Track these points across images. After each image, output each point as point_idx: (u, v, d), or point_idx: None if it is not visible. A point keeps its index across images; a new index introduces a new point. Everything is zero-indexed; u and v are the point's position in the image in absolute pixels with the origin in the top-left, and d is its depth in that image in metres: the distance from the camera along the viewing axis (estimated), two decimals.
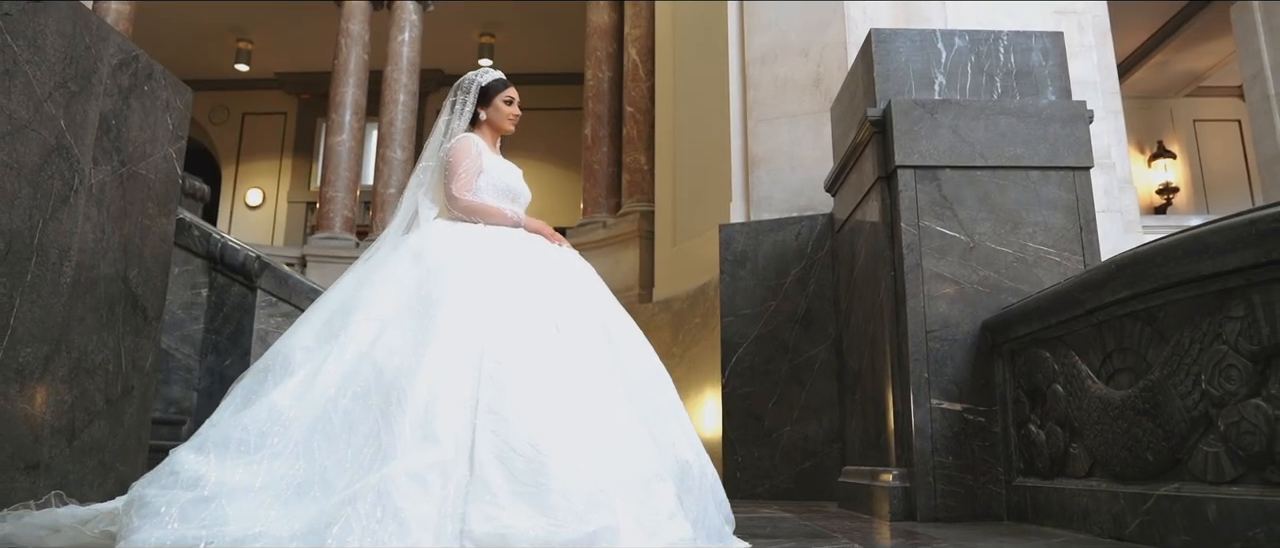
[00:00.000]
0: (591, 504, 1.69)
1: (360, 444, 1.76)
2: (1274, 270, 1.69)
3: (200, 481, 1.67)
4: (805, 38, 4.96)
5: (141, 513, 1.61)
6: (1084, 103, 3.23)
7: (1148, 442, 2.03)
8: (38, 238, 2.33)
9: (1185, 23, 11.65)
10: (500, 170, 2.54)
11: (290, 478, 1.71)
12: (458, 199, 2.42)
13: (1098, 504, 2.22)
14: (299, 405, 1.83)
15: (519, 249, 2.32)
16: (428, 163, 2.55)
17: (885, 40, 3.36)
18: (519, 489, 1.69)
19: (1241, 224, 1.75)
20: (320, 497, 1.68)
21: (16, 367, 2.25)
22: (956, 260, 3.01)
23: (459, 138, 2.53)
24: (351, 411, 1.83)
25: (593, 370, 2.02)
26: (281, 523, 1.61)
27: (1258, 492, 1.72)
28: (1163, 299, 2.00)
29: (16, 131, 2.25)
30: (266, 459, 1.74)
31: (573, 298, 2.21)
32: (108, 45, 2.64)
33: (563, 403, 1.87)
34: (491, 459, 1.73)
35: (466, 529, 1.63)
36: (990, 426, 2.85)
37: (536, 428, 1.78)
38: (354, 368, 1.90)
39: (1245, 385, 1.76)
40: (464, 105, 2.60)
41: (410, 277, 2.14)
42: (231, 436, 1.77)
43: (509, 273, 2.17)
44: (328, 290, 2.30)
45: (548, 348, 1.99)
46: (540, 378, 1.90)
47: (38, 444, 2.33)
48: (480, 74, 2.67)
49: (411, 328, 1.97)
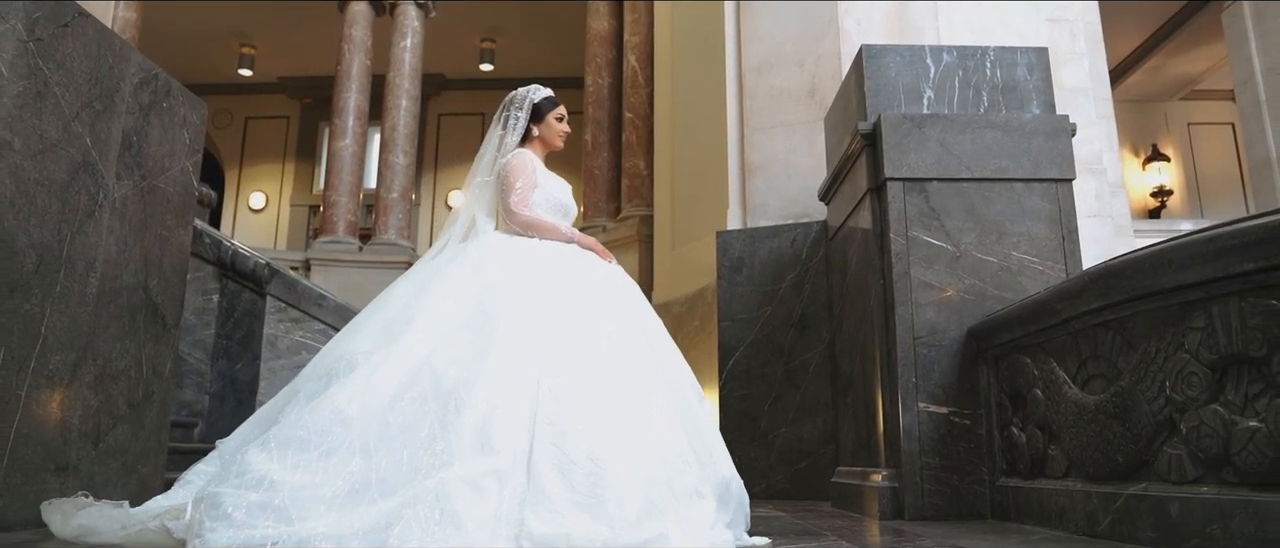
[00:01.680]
0: (645, 514, 1.81)
1: (418, 449, 1.85)
2: (1230, 285, 1.81)
3: (266, 480, 1.75)
4: (800, 49, 5.08)
5: (212, 514, 1.69)
6: (1067, 117, 3.35)
7: (1118, 444, 2.15)
8: (66, 250, 2.45)
9: (1179, 27, 11.77)
10: (553, 186, 2.64)
11: (350, 479, 1.79)
12: (516, 214, 2.52)
13: (1073, 503, 2.35)
14: (360, 408, 1.90)
15: (573, 266, 2.41)
16: (484, 177, 2.64)
17: (875, 56, 3.48)
18: (577, 499, 1.79)
19: (1201, 241, 1.87)
20: (378, 498, 1.76)
21: (47, 373, 2.37)
22: (943, 269, 3.13)
23: (515, 154, 2.63)
24: (411, 415, 1.90)
25: (642, 386, 2.12)
26: (343, 523, 1.70)
27: (1215, 491, 1.84)
28: (1132, 310, 2.12)
29: (47, 150, 2.37)
30: (328, 460, 1.81)
31: (622, 315, 2.31)
32: (129, 65, 2.76)
33: (617, 417, 1.97)
34: (551, 470, 1.82)
35: (525, 532, 1.73)
36: (975, 428, 2.97)
37: (595, 442, 1.88)
38: (414, 375, 1.98)
39: (1205, 392, 1.88)
40: (517, 121, 2.69)
41: (470, 289, 2.22)
42: (296, 436, 1.85)
43: (564, 289, 2.26)
44: (384, 295, 2.37)
45: (601, 364, 2.09)
46: (596, 393, 2.00)
47: (66, 447, 2.45)
48: (532, 90, 2.77)
49: (470, 339, 2.05)
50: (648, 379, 2.18)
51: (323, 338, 4.43)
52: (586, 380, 2.03)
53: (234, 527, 1.67)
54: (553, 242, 2.52)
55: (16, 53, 2.26)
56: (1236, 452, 1.78)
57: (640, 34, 8.13)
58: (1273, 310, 1.73)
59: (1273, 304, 1.73)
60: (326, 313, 4.52)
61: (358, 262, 9.53)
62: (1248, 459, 1.76)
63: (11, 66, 2.24)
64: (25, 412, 2.28)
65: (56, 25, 2.41)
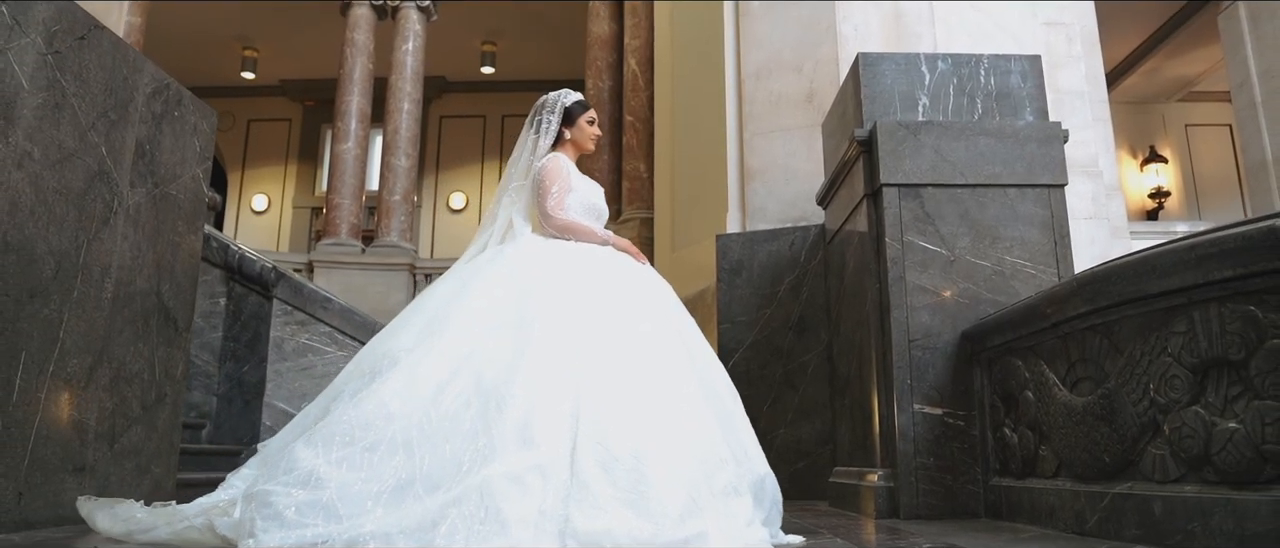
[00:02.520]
0: (687, 511, 1.87)
1: (461, 444, 1.89)
2: (1210, 291, 1.88)
3: (313, 477, 1.80)
4: (799, 55, 5.15)
5: (264, 513, 1.74)
6: (1059, 123, 3.42)
7: (1105, 445, 2.22)
8: (83, 257, 2.52)
9: (1176, 29, 11.84)
10: (586, 190, 2.72)
11: (394, 474, 1.84)
12: (552, 217, 2.59)
13: (1062, 502, 2.41)
14: (402, 404, 1.95)
15: (608, 268, 2.47)
16: (520, 181, 2.70)
17: (872, 63, 3.55)
18: (621, 496, 1.84)
19: (1183, 249, 1.94)
20: (423, 494, 1.81)
21: (65, 377, 2.44)
22: (938, 273, 3.19)
23: (549, 158, 2.69)
24: (453, 411, 1.95)
25: (678, 384, 2.18)
26: (390, 520, 1.74)
27: (1196, 490, 1.91)
28: (1118, 315, 2.18)
29: (65, 160, 2.44)
30: (371, 455, 1.86)
31: (657, 315, 2.37)
32: (143, 75, 2.83)
33: (656, 415, 2.02)
34: (595, 467, 1.87)
35: (569, 528, 1.77)
36: (969, 429, 3.04)
37: (637, 439, 1.93)
38: (455, 372, 2.03)
39: (1187, 394, 1.95)
40: (549, 125, 2.75)
41: (509, 290, 2.27)
42: (340, 431, 1.90)
43: (601, 291, 2.32)
44: (424, 295, 2.43)
45: (639, 363, 2.14)
46: (635, 391, 2.05)
47: (84, 448, 2.52)
48: (563, 95, 2.83)
49: (511, 339, 2.10)
50: (684, 377, 2.24)
51: (329, 341, 4.50)
52: (626, 379, 2.08)
53: (285, 526, 1.72)
54: (588, 244, 2.58)
55: (36, 65, 2.33)
56: (1216, 452, 1.85)
57: (640, 37, 8.20)
58: (1250, 316, 1.80)
59: (1250, 309, 1.80)
60: (332, 316, 4.59)
61: (360, 264, 9.61)
62: (1227, 459, 1.83)
63: (32, 79, 2.31)
64: (44, 414, 2.35)
65: (74, 38, 2.48)
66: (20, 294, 2.26)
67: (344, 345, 4.57)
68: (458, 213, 13.87)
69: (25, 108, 2.28)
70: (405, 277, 9.93)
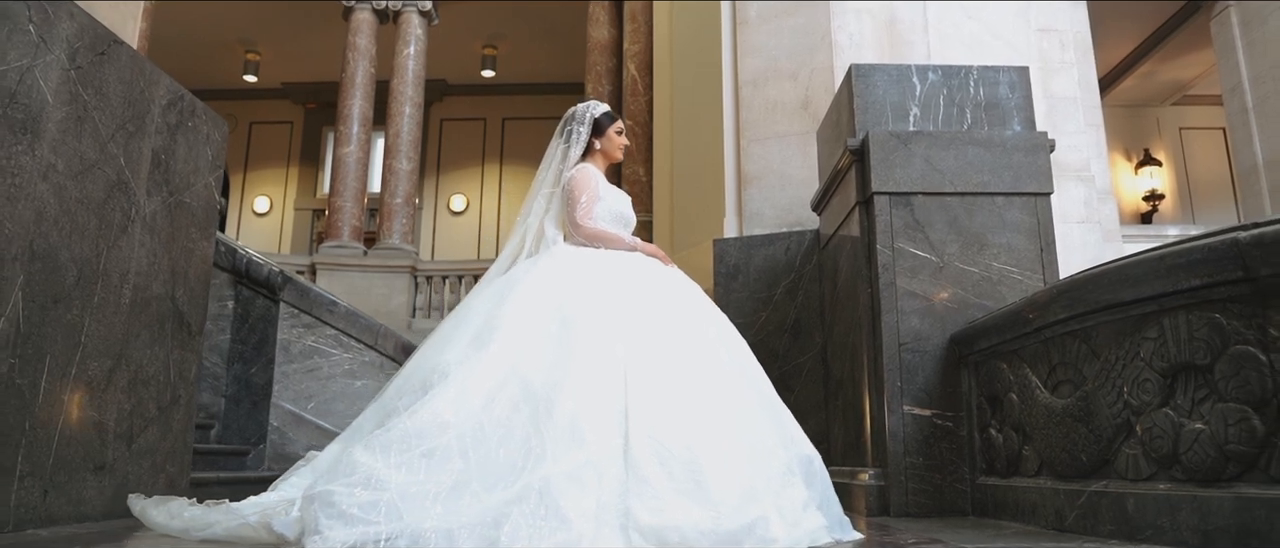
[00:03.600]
0: (745, 498, 1.95)
1: (514, 447, 1.98)
2: (1179, 299, 1.98)
3: (374, 479, 1.88)
4: (794, 63, 5.25)
5: (328, 511, 1.82)
6: (1045, 133, 3.52)
7: (1082, 445, 2.32)
8: (102, 264, 2.62)
9: (1170, 34, 11.95)
10: (614, 199, 2.82)
11: (452, 476, 1.92)
12: (581, 226, 2.68)
13: (1044, 500, 2.52)
14: (456, 413, 2.04)
15: (640, 272, 2.57)
16: (549, 189, 2.80)
17: (864, 75, 3.65)
18: (679, 487, 1.92)
19: (1153, 259, 2.04)
20: (481, 492, 1.89)
21: (86, 379, 2.54)
22: (927, 279, 3.30)
23: (579, 168, 2.79)
24: (504, 417, 2.04)
25: (720, 377, 2.27)
26: (451, 517, 1.82)
27: (1165, 488, 2.01)
28: (1095, 321, 2.29)
29: (86, 170, 2.54)
30: (429, 460, 1.95)
31: (691, 313, 2.47)
32: (159, 87, 2.93)
33: (704, 408, 2.11)
34: (651, 461, 1.94)
35: (632, 521, 1.84)
36: (957, 430, 3.14)
37: (689, 432, 2.02)
38: (503, 380, 2.11)
39: (1157, 397, 2.05)
40: (579, 135, 2.85)
41: (548, 299, 2.35)
42: (398, 440, 1.99)
43: (636, 294, 2.42)
44: (464, 309, 2.52)
45: (680, 359, 2.23)
46: (680, 386, 2.14)
47: (103, 447, 2.62)
48: (592, 106, 2.93)
49: (554, 346, 2.19)
50: (725, 369, 2.33)
51: (334, 343, 4.60)
52: (670, 374, 2.16)
53: (350, 523, 1.80)
54: (617, 251, 2.68)
55: (60, 81, 2.43)
56: (1184, 451, 1.96)
57: (640, 43, 8.30)
58: (1216, 323, 1.90)
59: (1215, 317, 1.90)
60: (337, 318, 4.69)
61: (362, 266, 9.70)
62: (1193, 458, 1.93)
63: (56, 94, 2.41)
64: (67, 414, 2.45)
65: (95, 53, 2.58)
66: (45, 300, 2.35)
67: (349, 348, 4.67)
68: (458, 215, 13.98)
69: (50, 122, 2.38)
70: (407, 279, 10.03)
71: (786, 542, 1.96)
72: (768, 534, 1.93)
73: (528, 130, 13.87)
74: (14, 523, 2.22)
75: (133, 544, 2.14)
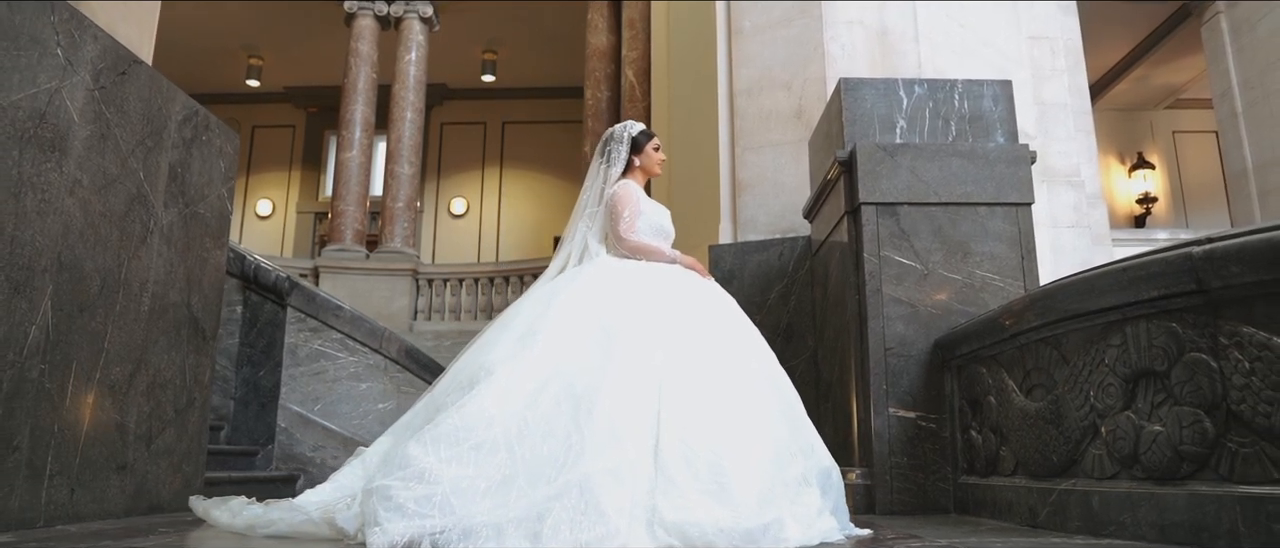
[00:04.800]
0: (763, 501, 2.09)
1: (556, 445, 2.10)
2: (1140, 309, 2.11)
3: (427, 474, 2.01)
4: (788, 72, 5.38)
5: (386, 505, 1.94)
6: (1026, 146, 3.65)
7: (1053, 445, 2.46)
8: (123, 273, 2.75)
9: (1163, 39, 12.10)
10: (655, 213, 2.96)
11: (498, 470, 2.05)
12: (624, 239, 2.83)
13: (1018, 498, 2.65)
14: (501, 409, 2.15)
15: (678, 284, 2.71)
16: (593, 207, 2.94)
17: (853, 88, 3.78)
18: (703, 487, 2.05)
19: (1117, 271, 2.17)
20: (526, 488, 2.01)
21: (109, 383, 2.67)
22: (912, 286, 3.43)
23: (621, 185, 2.94)
24: (547, 415, 2.16)
25: (747, 386, 2.41)
26: (497, 511, 1.94)
27: (1127, 486, 2.14)
28: (1065, 328, 2.42)
29: (108, 185, 2.68)
30: (478, 453, 2.07)
31: (723, 324, 2.61)
32: (175, 104, 3.06)
33: (730, 414, 2.25)
34: (679, 462, 2.07)
35: (658, 518, 1.97)
36: (940, 431, 3.28)
37: (714, 436, 2.15)
38: (546, 381, 2.23)
39: (1120, 400, 2.19)
40: (619, 153, 3.01)
41: (591, 307, 2.48)
42: (447, 433, 2.11)
43: (673, 304, 2.55)
44: (510, 313, 2.64)
45: (710, 368, 2.36)
46: (709, 393, 2.27)
47: (125, 448, 2.75)
48: (629, 126, 3.08)
49: (595, 351, 2.31)
50: (751, 380, 2.46)
51: (340, 347, 4.73)
52: (701, 381, 2.30)
53: (406, 516, 1.92)
54: (658, 263, 2.82)
55: (85, 100, 2.56)
56: (1143, 452, 2.09)
57: (638, 50, 8.43)
58: (1173, 331, 2.03)
59: (1172, 326, 2.03)
60: (343, 323, 4.82)
61: (364, 269, 9.83)
62: (1152, 458, 2.06)
63: (81, 113, 2.54)
64: (92, 417, 2.58)
65: (116, 73, 2.72)
66: (72, 309, 2.49)
67: (354, 351, 4.80)
68: (459, 218, 14.11)
69: (76, 139, 2.51)
70: (408, 281, 10.16)
71: (799, 541, 2.10)
72: (783, 535, 2.07)
73: (527, 134, 14.01)
74: (45, 519, 2.35)
75: (167, 539, 2.27)
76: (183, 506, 3.06)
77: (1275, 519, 1.76)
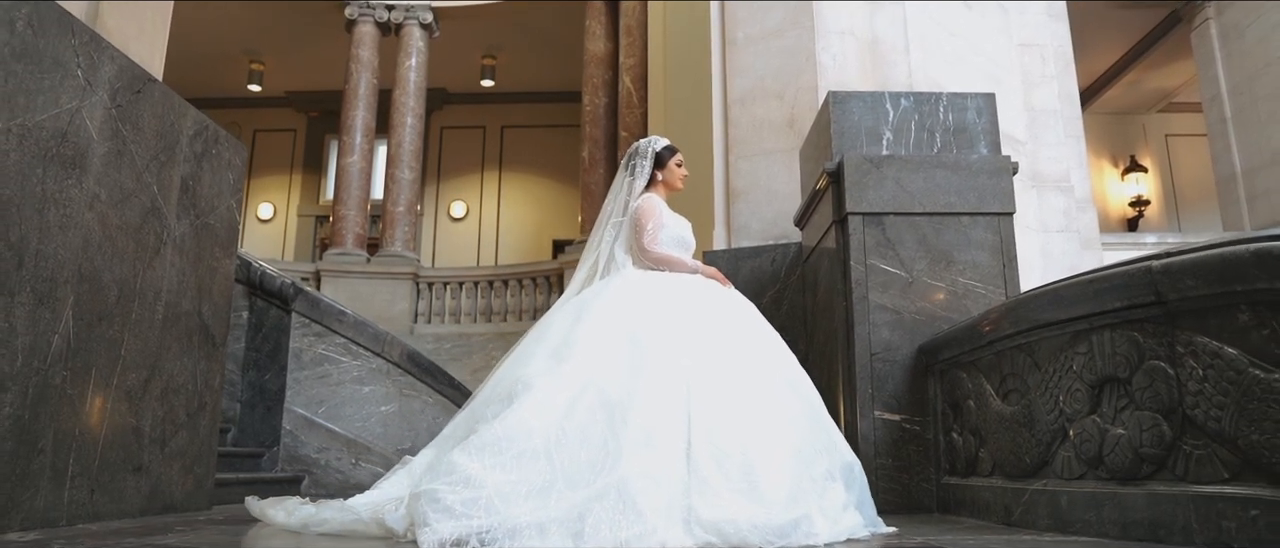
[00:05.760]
0: (792, 498, 2.22)
1: (593, 451, 2.22)
2: (1104, 319, 2.24)
3: (473, 479, 2.13)
4: (780, 82, 5.51)
5: (434, 507, 2.06)
6: (1009, 157, 3.77)
7: (1026, 448, 2.58)
8: (139, 284, 2.87)
9: (1155, 43, 12.22)
10: (677, 225, 3.10)
11: (539, 476, 2.16)
12: (648, 251, 2.96)
13: (995, 497, 2.77)
14: (540, 420, 2.27)
15: (701, 293, 2.84)
16: (617, 218, 3.08)
17: (841, 101, 3.91)
18: (734, 486, 2.18)
19: (1083, 283, 2.30)
20: (566, 491, 2.13)
21: (125, 389, 2.80)
22: (897, 294, 3.55)
23: (644, 198, 3.08)
24: (583, 423, 2.27)
25: (771, 388, 2.54)
26: (541, 512, 2.06)
27: (1092, 486, 2.27)
28: (1037, 336, 2.54)
29: (125, 199, 2.80)
30: (519, 461, 2.19)
31: (745, 330, 2.74)
32: (187, 119, 3.18)
33: (757, 416, 2.38)
34: (710, 464, 2.20)
35: (694, 516, 2.09)
36: (924, 433, 3.40)
37: (743, 437, 2.28)
38: (581, 391, 2.35)
39: (1087, 405, 2.31)
40: (643, 168, 3.15)
41: (620, 318, 2.60)
42: (490, 444, 2.23)
43: (698, 313, 2.68)
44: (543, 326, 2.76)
45: (736, 372, 2.49)
46: (736, 396, 2.40)
47: (141, 450, 2.87)
48: (653, 141, 3.23)
49: (626, 361, 2.43)
50: (775, 382, 2.59)
51: (343, 351, 4.85)
52: (728, 385, 2.42)
53: (454, 517, 2.05)
54: (681, 274, 2.95)
55: (104, 119, 2.68)
56: (1108, 454, 2.21)
57: (635, 57, 8.55)
58: (1134, 340, 2.16)
59: (1134, 335, 2.16)
60: (346, 328, 4.94)
61: (366, 273, 9.95)
62: (1115, 460, 2.19)
63: (100, 130, 2.66)
64: (110, 421, 2.70)
65: (132, 92, 2.84)
66: (91, 318, 2.61)
67: (357, 355, 4.92)
68: (458, 221, 14.24)
69: (95, 156, 2.64)
70: (409, 285, 10.28)
71: (828, 536, 2.23)
72: (811, 530, 2.19)
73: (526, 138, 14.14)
74: (67, 519, 2.47)
75: (185, 538, 2.39)
76: (195, 505, 3.18)
77: (1224, 516, 1.89)
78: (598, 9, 9.41)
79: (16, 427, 2.28)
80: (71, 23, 2.54)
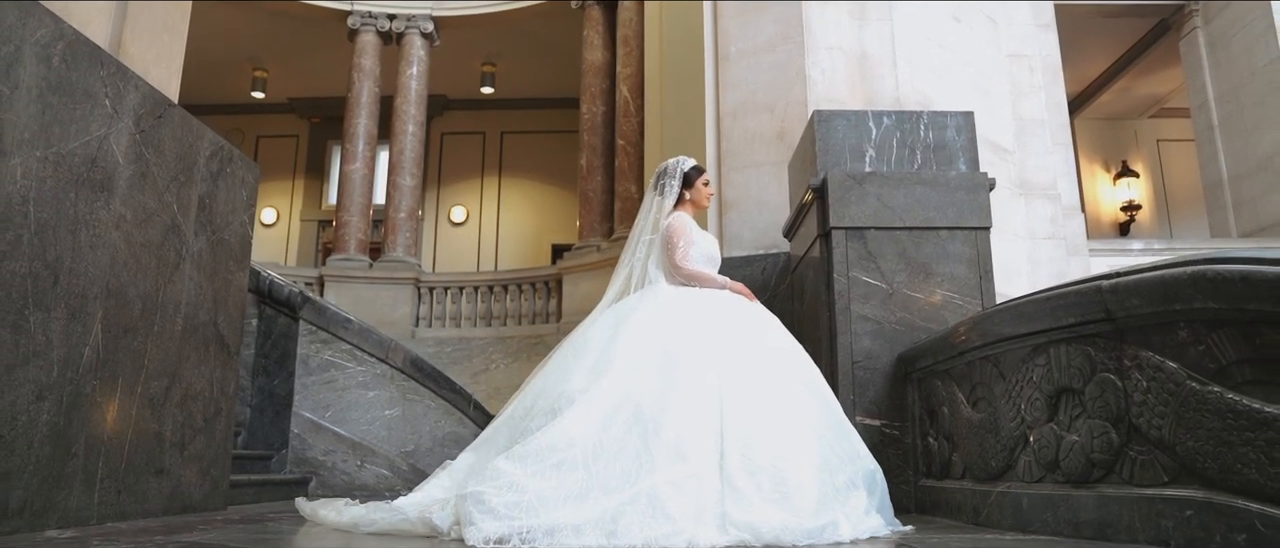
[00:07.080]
0: (820, 505, 2.40)
1: (628, 460, 2.41)
2: (1061, 333, 2.42)
3: (516, 484, 2.31)
4: (771, 96, 5.69)
5: (480, 508, 2.25)
6: (985, 173, 3.95)
7: (992, 452, 2.76)
8: (160, 297, 3.05)
9: (1144, 51, 12.39)
10: (705, 242, 3.28)
11: (577, 484, 2.34)
12: (680, 268, 3.14)
13: (965, 499, 2.95)
14: (581, 434, 2.45)
15: (730, 308, 3.02)
16: (649, 236, 3.25)
17: (825, 120, 4.09)
18: (766, 495, 2.36)
19: (1041, 300, 2.48)
20: (601, 497, 2.31)
21: (148, 396, 2.97)
22: (878, 305, 3.73)
23: (675, 217, 3.26)
24: (619, 435, 2.45)
25: (798, 400, 2.72)
26: (579, 515, 2.25)
27: (1049, 489, 2.45)
28: (1002, 348, 2.72)
29: (148, 218, 2.97)
30: (559, 470, 2.37)
31: (772, 344, 2.92)
32: (203, 141, 3.36)
33: (785, 428, 2.56)
34: (743, 475, 2.38)
35: (728, 520, 2.28)
36: (903, 437, 3.58)
37: (774, 449, 2.46)
38: (618, 405, 2.53)
39: (1045, 413, 2.49)
40: (671, 187, 3.32)
41: (655, 334, 2.77)
42: (533, 453, 2.41)
43: (727, 328, 2.85)
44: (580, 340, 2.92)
45: (765, 385, 2.67)
46: (766, 409, 2.58)
47: (162, 454, 3.05)
48: (681, 161, 3.40)
49: (660, 375, 2.60)
50: (801, 394, 2.77)
51: (349, 357, 5.03)
52: (757, 398, 2.60)
53: (498, 518, 2.23)
54: (710, 289, 3.12)
55: (129, 144, 2.86)
56: (1063, 458, 2.39)
57: (631, 67, 8.73)
58: (1087, 354, 2.33)
59: (1088, 349, 2.33)
60: (351, 334, 5.12)
61: (368, 278, 10.13)
62: (1069, 464, 2.37)
63: (125, 155, 2.84)
64: (135, 426, 2.88)
65: (154, 117, 3.02)
66: (118, 331, 2.79)
67: (362, 361, 5.10)
68: (459, 226, 14.42)
69: (121, 179, 2.81)
70: (410, 290, 10.46)
71: (851, 537, 2.41)
72: (837, 534, 2.38)
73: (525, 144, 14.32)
74: (97, 518, 2.65)
75: (207, 536, 2.57)
76: (211, 506, 3.36)
77: (1163, 516, 2.07)
78: (595, 19, 9.59)
79: (53, 433, 2.46)
80: (101, 55, 2.71)
